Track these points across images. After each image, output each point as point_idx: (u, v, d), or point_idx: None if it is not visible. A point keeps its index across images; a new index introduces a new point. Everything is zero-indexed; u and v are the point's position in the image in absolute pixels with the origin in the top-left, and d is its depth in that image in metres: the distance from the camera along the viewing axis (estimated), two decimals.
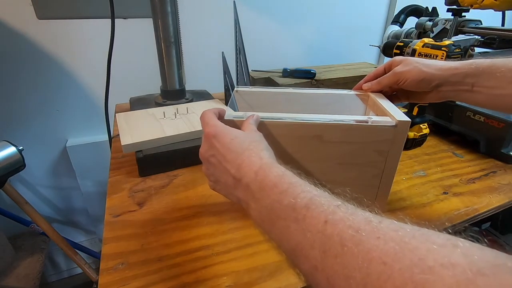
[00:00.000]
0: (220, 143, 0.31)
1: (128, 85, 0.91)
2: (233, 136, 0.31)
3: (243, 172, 0.28)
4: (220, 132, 0.32)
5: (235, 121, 0.36)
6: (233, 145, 0.30)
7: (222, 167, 0.31)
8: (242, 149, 0.30)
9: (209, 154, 0.32)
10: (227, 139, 0.31)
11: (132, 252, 0.38)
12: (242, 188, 0.29)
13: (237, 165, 0.29)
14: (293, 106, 0.47)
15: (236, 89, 0.47)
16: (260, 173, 0.27)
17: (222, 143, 0.31)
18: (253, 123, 0.35)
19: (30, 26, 0.85)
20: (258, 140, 0.32)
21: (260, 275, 0.35)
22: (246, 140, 0.31)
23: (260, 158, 0.29)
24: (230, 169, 0.30)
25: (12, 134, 0.95)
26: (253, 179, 0.27)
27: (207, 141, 0.32)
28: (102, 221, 0.43)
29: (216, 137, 0.31)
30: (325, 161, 0.39)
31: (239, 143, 0.31)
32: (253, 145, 0.31)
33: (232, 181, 0.30)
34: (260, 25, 1.10)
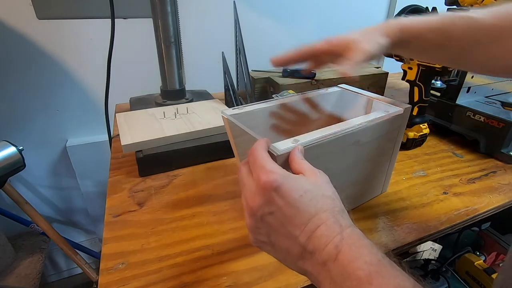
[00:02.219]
0: (284, 199, 0.23)
1: (128, 85, 0.91)
2: (303, 190, 0.24)
3: (318, 244, 0.22)
4: (285, 184, 0.24)
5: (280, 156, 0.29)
6: (303, 203, 0.23)
7: (285, 231, 0.24)
8: (315, 210, 0.23)
9: (265, 212, 0.24)
10: (295, 194, 0.23)
11: (132, 252, 0.38)
12: (315, 263, 0.23)
13: (309, 232, 0.23)
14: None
15: (223, 115, 0.40)
16: (344, 251, 0.22)
17: (288, 200, 0.23)
18: (302, 158, 0.28)
19: (30, 26, 0.85)
20: (330, 193, 0.25)
21: (260, 275, 0.35)
22: (318, 195, 0.24)
23: (340, 226, 0.23)
24: (298, 236, 0.23)
25: (12, 134, 0.95)
26: (333, 258, 0.22)
27: (263, 193, 0.24)
28: (102, 221, 0.43)
29: (278, 191, 0.23)
30: (357, 163, 0.40)
31: (311, 200, 0.24)
32: (327, 203, 0.24)
33: (299, 251, 0.23)
34: (260, 25, 1.10)
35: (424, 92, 0.59)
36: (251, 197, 0.25)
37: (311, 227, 0.23)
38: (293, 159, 0.28)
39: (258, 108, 0.43)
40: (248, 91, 0.70)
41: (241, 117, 0.41)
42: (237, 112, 0.41)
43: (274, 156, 0.30)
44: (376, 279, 0.20)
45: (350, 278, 0.21)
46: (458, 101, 0.64)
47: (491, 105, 0.64)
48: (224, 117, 0.40)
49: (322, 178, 0.26)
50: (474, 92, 0.66)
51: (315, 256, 0.23)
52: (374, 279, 0.20)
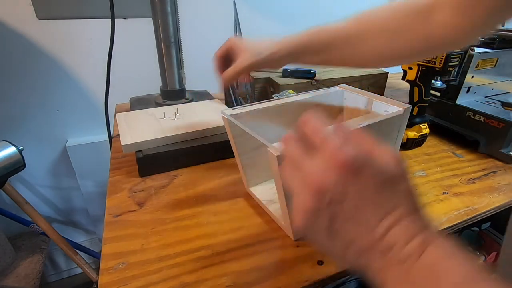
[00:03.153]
0: (366, 182, 0.20)
1: (128, 85, 0.91)
2: (387, 175, 0.20)
3: (396, 239, 0.19)
4: (369, 164, 0.20)
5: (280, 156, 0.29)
6: (386, 189, 0.20)
7: (360, 219, 0.20)
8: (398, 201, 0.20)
9: (338, 192, 0.20)
10: (380, 178, 0.20)
11: (132, 252, 0.38)
12: (388, 260, 0.20)
13: (387, 224, 0.20)
14: (286, 118, 0.47)
15: (223, 115, 0.41)
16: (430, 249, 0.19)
17: (370, 184, 0.20)
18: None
19: (30, 26, 0.85)
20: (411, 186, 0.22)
21: (260, 275, 0.35)
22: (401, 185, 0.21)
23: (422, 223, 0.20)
24: (375, 227, 0.20)
25: (12, 134, 0.95)
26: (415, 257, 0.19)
27: (339, 172, 0.20)
28: (102, 221, 0.43)
29: (361, 171, 0.20)
30: None
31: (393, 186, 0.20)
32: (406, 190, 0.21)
33: (369, 244, 0.20)
34: (260, 25, 1.10)
35: (424, 92, 0.59)
36: (321, 173, 0.20)
37: (391, 219, 0.20)
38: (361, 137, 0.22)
39: (258, 108, 0.43)
40: (248, 91, 0.70)
41: (241, 117, 0.41)
42: (237, 112, 0.41)
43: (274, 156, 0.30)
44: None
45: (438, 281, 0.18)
46: (458, 101, 0.64)
47: (491, 105, 0.64)
48: (224, 117, 0.40)
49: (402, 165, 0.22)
50: (474, 92, 0.66)
51: (391, 253, 0.19)
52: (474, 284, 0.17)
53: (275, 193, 0.40)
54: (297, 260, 0.37)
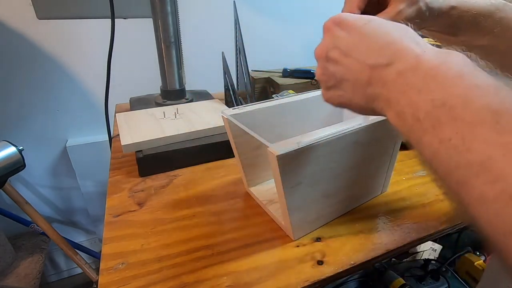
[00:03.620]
0: (347, 30, 0.24)
1: (128, 85, 0.91)
2: (367, 19, 0.23)
3: (392, 56, 0.21)
4: (348, 16, 0.24)
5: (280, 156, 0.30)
6: (368, 28, 0.23)
7: (351, 59, 0.23)
8: (383, 32, 0.22)
9: (329, 48, 0.25)
10: (358, 23, 0.23)
11: (132, 252, 0.38)
12: (386, 78, 0.21)
13: (377, 49, 0.22)
14: (286, 118, 0.47)
15: (223, 115, 0.41)
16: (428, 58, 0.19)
17: (350, 29, 0.23)
18: None
19: (30, 26, 0.85)
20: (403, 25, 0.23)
21: (260, 275, 0.35)
22: (387, 24, 0.23)
23: (417, 43, 0.21)
24: (365, 59, 0.22)
25: (12, 134, 0.95)
26: (413, 66, 0.19)
27: (327, 33, 0.25)
28: (102, 221, 0.43)
29: (341, 24, 0.24)
30: (357, 163, 0.40)
31: (377, 25, 0.23)
32: (400, 27, 0.23)
33: (367, 75, 0.22)
34: (260, 25, 1.10)
35: None
36: (319, 46, 0.26)
37: (381, 45, 0.22)
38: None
39: (258, 108, 0.43)
40: (248, 91, 0.70)
41: (241, 117, 0.41)
42: (237, 112, 0.41)
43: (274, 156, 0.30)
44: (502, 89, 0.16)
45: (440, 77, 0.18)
46: None
47: None
48: (224, 117, 0.40)
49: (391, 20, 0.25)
50: None
51: (387, 70, 0.21)
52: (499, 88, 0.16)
53: (275, 193, 0.40)
54: (297, 260, 0.37)
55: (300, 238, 0.40)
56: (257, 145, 0.45)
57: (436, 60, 0.19)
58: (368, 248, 0.38)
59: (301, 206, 0.37)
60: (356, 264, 0.36)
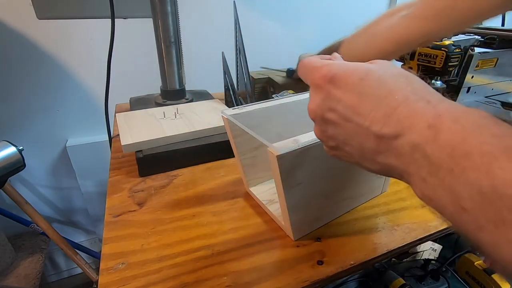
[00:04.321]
0: (341, 88, 0.20)
1: (128, 85, 0.91)
2: (364, 72, 0.20)
3: (399, 125, 0.18)
4: (338, 70, 0.21)
5: (280, 156, 0.29)
6: (367, 86, 0.20)
7: (352, 125, 0.20)
8: (384, 90, 0.19)
9: (325, 109, 0.21)
10: (353, 79, 0.20)
11: (132, 252, 0.38)
12: (398, 150, 0.18)
13: (382, 117, 0.19)
14: (286, 118, 0.47)
15: (223, 115, 0.41)
16: (445, 128, 0.16)
17: (345, 88, 0.20)
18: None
19: (30, 26, 0.85)
20: (400, 70, 0.21)
21: (260, 275, 0.35)
22: (385, 75, 0.20)
23: (428, 102, 0.18)
24: (369, 126, 0.19)
25: (12, 134, 0.95)
26: (429, 138, 0.17)
27: (319, 91, 0.22)
28: (102, 221, 0.43)
29: (333, 81, 0.21)
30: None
31: (377, 81, 0.20)
32: (400, 81, 0.20)
33: (374, 144, 0.19)
34: (260, 25, 1.10)
35: None
36: (311, 101, 0.23)
37: (384, 111, 0.19)
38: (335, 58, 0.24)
39: (258, 108, 0.43)
40: (248, 91, 0.70)
41: (241, 117, 0.41)
42: (237, 112, 0.41)
43: (274, 155, 0.30)
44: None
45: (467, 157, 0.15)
46: (458, 101, 0.64)
47: (491, 105, 0.64)
48: (224, 117, 0.40)
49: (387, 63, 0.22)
50: (474, 92, 0.66)
51: (400, 141, 0.18)
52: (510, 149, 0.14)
53: (275, 193, 0.40)
54: (297, 260, 0.37)
55: (300, 238, 0.40)
56: (257, 145, 0.45)
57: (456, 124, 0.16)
58: (368, 248, 0.38)
59: (301, 206, 0.36)
60: (356, 264, 0.36)
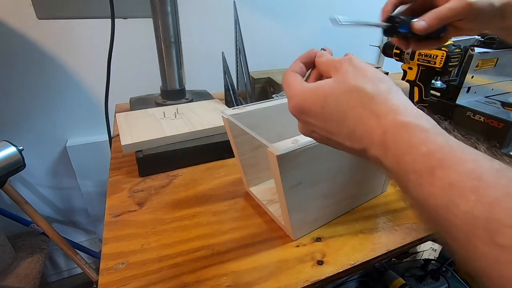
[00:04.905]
0: (313, 116, 0.24)
1: (128, 85, 0.91)
2: (322, 100, 0.23)
3: (362, 141, 0.21)
4: (303, 103, 0.24)
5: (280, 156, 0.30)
6: (328, 113, 0.23)
7: (332, 141, 0.24)
8: (343, 114, 0.22)
9: (308, 131, 0.26)
10: (316, 108, 0.23)
11: (132, 252, 0.38)
12: (371, 158, 0.22)
13: (349, 137, 0.22)
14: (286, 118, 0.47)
15: (223, 115, 0.41)
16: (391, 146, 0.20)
17: (315, 116, 0.23)
18: (326, 58, 0.26)
19: (30, 26, 0.85)
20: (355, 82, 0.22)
21: (260, 275, 0.35)
22: (340, 95, 0.22)
23: (377, 116, 0.21)
24: (343, 142, 0.23)
25: (12, 134, 0.95)
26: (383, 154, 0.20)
27: (298, 119, 0.26)
28: (102, 221, 0.43)
29: (304, 112, 0.24)
30: (357, 163, 0.40)
31: (335, 105, 0.22)
32: (352, 98, 0.22)
33: (356, 151, 0.23)
34: (260, 25, 1.10)
35: (424, 92, 0.59)
36: (299, 125, 0.26)
37: (347, 131, 0.22)
38: (319, 63, 0.27)
39: (258, 108, 0.43)
40: (248, 91, 0.70)
41: (241, 117, 0.41)
42: (237, 112, 0.41)
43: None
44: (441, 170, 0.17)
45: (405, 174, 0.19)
46: (458, 101, 0.64)
47: (491, 105, 0.64)
48: (224, 117, 0.40)
49: (346, 67, 0.23)
50: (474, 92, 0.66)
51: (366, 153, 0.22)
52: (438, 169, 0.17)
53: (275, 193, 0.40)
54: (297, 260, 0.37)
55: (300, 238, 0.40)
56: (257, 145, 0.45)
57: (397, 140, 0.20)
58: (368, 248, 0.38)
59: (301, 206, 0.37)
60: (356, 264, 0.36)
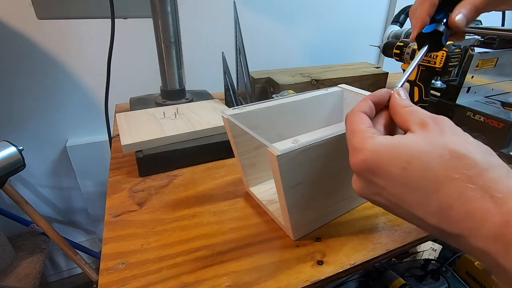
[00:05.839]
0: (383, 179, 0.19)
1: (128, 85, 0.91)
2: (405, 160, 0.18)
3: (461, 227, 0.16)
4: (376, 161, 0.19)
5: (280, 156, 0.29)
6: (411, 177, 0.17)
7: (403, 210, 0.19)
8: (434, 184, 0.17)
9: (370, 193, 0.21)
10: (395, 170, 0.18)
11: (132, 252, 0.38)
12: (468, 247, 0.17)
13: (436, 211, 0.17)
14: (286, 118, 0.47)
15: (223, 115, 0.41)
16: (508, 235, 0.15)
17: (388, 180, 0.18)
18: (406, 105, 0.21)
19: (30, 26, 0.85)
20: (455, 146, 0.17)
21: (260, 275, 0.35)
22: (433, 159, 0.17)
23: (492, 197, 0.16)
24: (424, 217, 0.18)
25: (12, 134, 0.95)
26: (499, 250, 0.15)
27: (359, 176, 0.20)
28: (102, 221, 0.43)
29: (374, 171, 0.19)
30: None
31: (422, 171, 0.17)
32: (453, 165, 0.17)
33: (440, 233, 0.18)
34: (260, 25, 1.10)
35: (424, 92, 0.59)
36: (353, 179, 0.22)
37: (437, 207, 0.17)
38: (395, 111, 0.22)
39: (258, 108, 0.43)
40: (248, 91, 0.70)
41: (241, 117, 0.41)
42: (237, 112, 0.41)
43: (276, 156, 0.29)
44: None
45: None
46: (458, 101, 0.64)
47: (491, 105, 0.64)
48: (224, 117, 0.40)
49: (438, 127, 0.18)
50: (474, 92, 0.66)
51: (463, 240, 0.16)
52: None
53: (275, 193, 0.40)
54: (297, 260, 0.37)
55: (300, 238, 0.40)
56: (257, 145, 0.45)
57: None
58: (368, 248, 0.38)
59: (301, 206, 0.37)
60: (356, 264, 0.36)
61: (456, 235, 0.17)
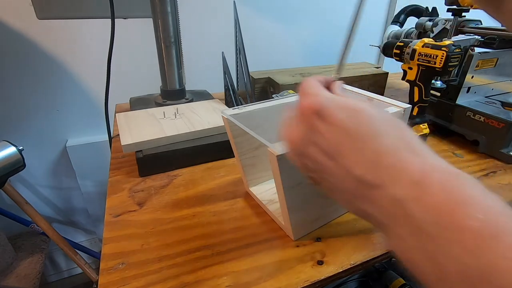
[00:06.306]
0: (327, 122, 0.19)
1: (128, 85, 0.91)
2: (352, 109, 0.19)
3: (384, 174, 0.17)
4: (330, 104, 0.19)
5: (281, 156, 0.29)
6: (354, 123, 0.19)
7: (333, 163, 0.19)
8: (374, 133, 0.18)
9: (306, 142, 0.20)
10: (341, 114, 0.19)
11: (132, 252, 0.38)
12: (378, 200, 0.18)
13: (366, 161, 0.18)
14: None
15: (223, 115, 0.41)
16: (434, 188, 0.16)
17: (332, 122, 0.19)
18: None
19: (30, 26, 0.85)
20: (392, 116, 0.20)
21: (260, 275, 0.35)
22: (375, 116, 0.19)
23: (417, 154, 0.18)
24: (350, 167, 0.18)
25: (12, 134, 0.95)
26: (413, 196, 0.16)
27: (303, 121, 0.20)
28: (102, 221, 0.43)
29: (321, 113, 0.19)
30: None
31: (367, 122, 0.19)
32: (391, 125, 0.19)
33: (354, 187, 0.19)
34: (260, 25, 1.10)
35: (424, 92, 0.59)
36: (291, 130, 0.21)
37: (370, 155, 0.18)
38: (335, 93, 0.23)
39: (258, 108, 0.43)
40: (248, 91, 0.70)
41: (241, 117, 0.41)
42: (237, 112, 0.41)
43: (273, 156, 0.29)
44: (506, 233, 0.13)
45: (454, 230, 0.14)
46: (458, 101, 0.64)
47: (491, 105, 0.64)
48: (224, 117, 0.40)
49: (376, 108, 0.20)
50: (474, 92, 0.66)
51: (379, 191, 0.17)
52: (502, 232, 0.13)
53: (275, 193, 0.40)
54: (297, 260, 0.37)
55: (300, 238, 0.40)
56: (257, 145, 0.45)
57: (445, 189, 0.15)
58: (368, 248, 0.38)
59: (301, 206, 0.37)
60: (356, 264, 0.36)
61: (376, 186, 0.18)
